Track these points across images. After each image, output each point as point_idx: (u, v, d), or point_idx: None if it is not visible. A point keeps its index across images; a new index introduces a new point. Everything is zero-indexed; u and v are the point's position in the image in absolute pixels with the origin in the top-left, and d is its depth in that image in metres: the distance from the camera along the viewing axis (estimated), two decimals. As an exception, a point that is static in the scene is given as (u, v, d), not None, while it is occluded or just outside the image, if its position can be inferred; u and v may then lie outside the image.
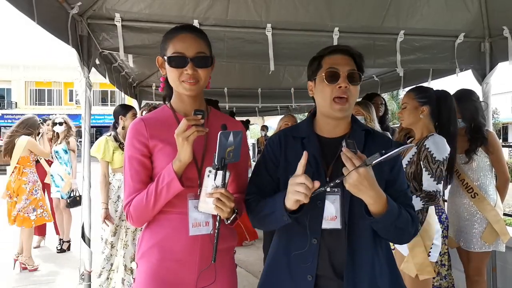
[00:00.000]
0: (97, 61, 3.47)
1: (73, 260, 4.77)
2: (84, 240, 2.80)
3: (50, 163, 5.36)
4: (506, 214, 3.67)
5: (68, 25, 2.56)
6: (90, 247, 2.82)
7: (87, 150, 2.86)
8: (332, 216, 1.31)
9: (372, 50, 3.30)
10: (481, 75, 3.46)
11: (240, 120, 2.04)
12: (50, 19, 2.31)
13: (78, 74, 2.80)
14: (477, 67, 3.49)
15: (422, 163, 2.21)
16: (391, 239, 1.39)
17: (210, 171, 1.33)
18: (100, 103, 30.54)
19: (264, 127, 10.34)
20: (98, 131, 26.55)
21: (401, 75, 3.60)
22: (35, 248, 5.16)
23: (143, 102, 6.01)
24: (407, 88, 3.28)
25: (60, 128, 5.23)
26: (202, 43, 1.42)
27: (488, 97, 3.39)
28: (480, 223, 2.66)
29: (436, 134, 2.26)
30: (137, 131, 1.42)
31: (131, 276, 3.51)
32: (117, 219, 3.49)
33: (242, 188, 1.54)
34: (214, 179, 1.30)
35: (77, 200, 4.90)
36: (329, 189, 1.25)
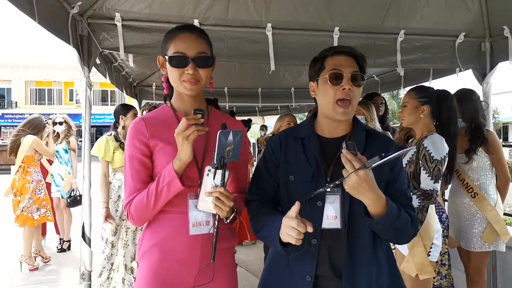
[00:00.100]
0: (98, 61, 3.46)
1: (73, 259, 4.78)
2: (85, 240, 2.80)
3: (50, 162, 5.37)
4: (507, 214, 3.66)
5: (69, 24, 2.56)
6: (90, 247, 2.82)
7: (88, 149, 2.86)
8: (332, 216, 1.31)
9: (373, 50, 3.29)
10: (482, 75, 3.46)
11: (241, 119, 2.04)
12: (50, 19, 2.31)
13: (78, 74, 2.80)
14: (477, 66, 3.48)
15: (420, 162, 2.21)
16: (391, 240, 1.39)
17: (209, 170, 1.33)
18: (100, 103, 30.49)
19: (264, 127, 10.33)
20: (99, 131, 26.56)
21: (401, 75, 3.60)
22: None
23: (143, 101, 6.00)
24: (408, 88, 3.27)
25: (61, 128, 5.24)
26: (203, 43, 1.42)
27: (489, 96, 3.38)
28: (480, 223, 2.67)
29: (435, 134, 2.26)
30: (137, 131, 1.42)
31: (132, 275, 3.51)
32: (117, 218, 3.49)
33: (242, 188, 1.54)
34: (213, 178, 1.31)
35: (78, 200, 4.91)
36: (329, 189, 1.25)
